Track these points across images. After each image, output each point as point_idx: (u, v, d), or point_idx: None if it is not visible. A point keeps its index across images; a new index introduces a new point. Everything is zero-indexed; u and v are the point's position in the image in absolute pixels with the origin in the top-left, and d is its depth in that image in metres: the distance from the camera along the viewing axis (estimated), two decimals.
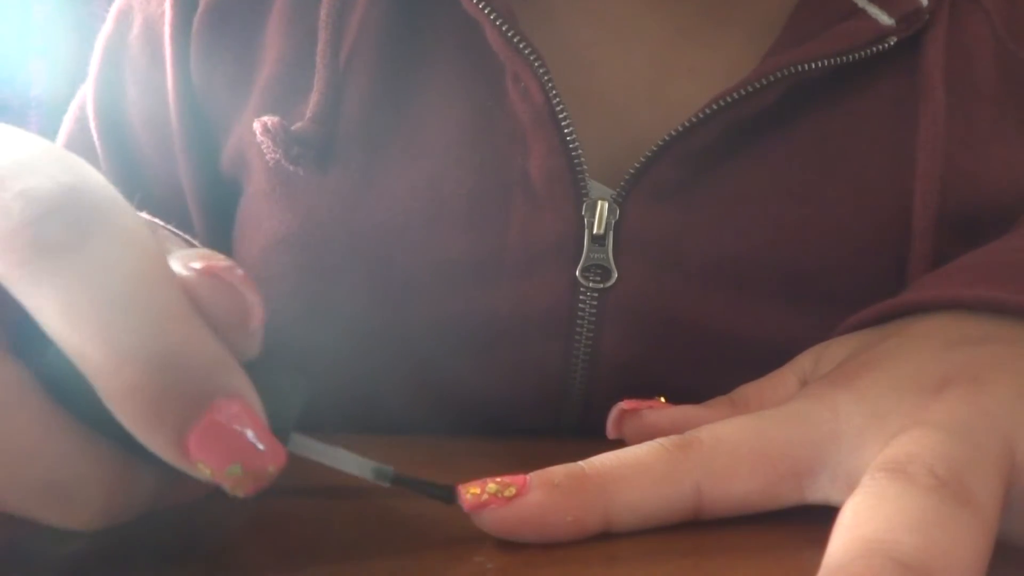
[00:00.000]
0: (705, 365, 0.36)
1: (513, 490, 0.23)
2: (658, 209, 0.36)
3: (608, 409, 0.31)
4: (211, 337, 0.19)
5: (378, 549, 0.23)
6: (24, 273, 0.18)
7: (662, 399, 0.30)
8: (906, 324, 0.28)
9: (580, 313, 0.36)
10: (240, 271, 0.21)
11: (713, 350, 0.36)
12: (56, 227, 0.18)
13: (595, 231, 0.35)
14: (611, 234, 0.35)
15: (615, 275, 0.35)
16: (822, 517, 0.21)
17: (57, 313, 0.18)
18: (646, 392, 0.33)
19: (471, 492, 0.23)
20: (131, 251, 0.19)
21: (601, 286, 0.36)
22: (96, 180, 0.20)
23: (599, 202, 0.35)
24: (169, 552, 0.23)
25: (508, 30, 0.35)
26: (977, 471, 0.21)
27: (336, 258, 0.37)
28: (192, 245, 0.29)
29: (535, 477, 0.23)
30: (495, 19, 0.35)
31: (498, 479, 0.23)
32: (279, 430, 0.20)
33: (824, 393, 0.26)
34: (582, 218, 0.35)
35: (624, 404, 0.29)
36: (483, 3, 0.36)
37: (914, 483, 0.20)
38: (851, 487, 0.22)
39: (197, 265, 0.20)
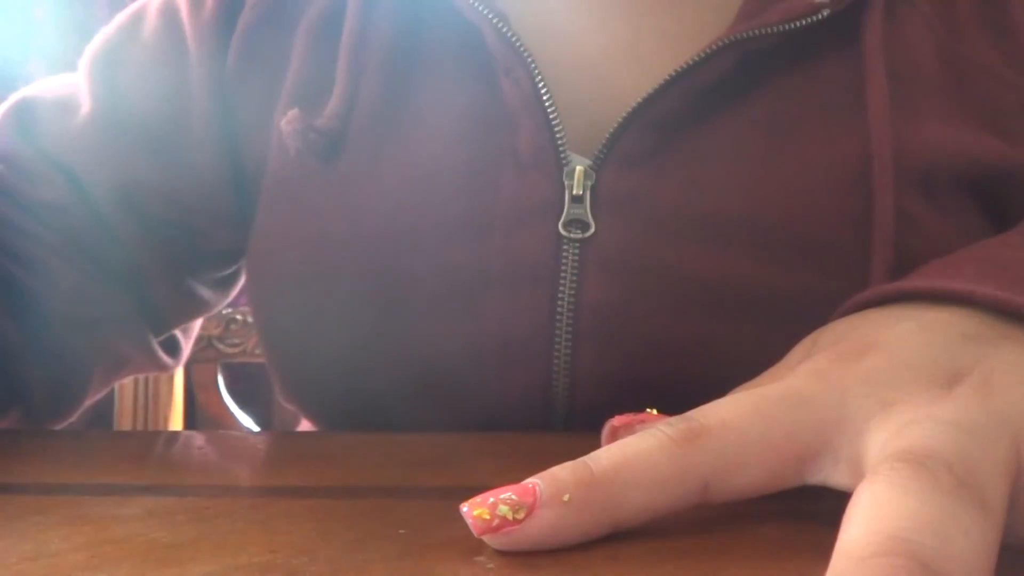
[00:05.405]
0: (681, 310, 0.39)
1: (523, 512, 0.23)
2: (630, 174, 0.40)
3: (595, 354, 0.39)
4: None
5: (378, 549, 0.23)
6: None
7: (653, 411, 0.29)
8: (917, 310, 0.28)
9: (563, 262, 0.40)
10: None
11: (687, 295, 0.39)
12: None
13: (574, 192, 0.40)
14: (588, 194, 0.40)
15: (593, 227, 0.40)
16: (823, 518, 0.21)
17: None
18: (626, 337, 0.39)
19: (478, 512, 0.23)
20: None
21: (581, 236, 0.40)
22: None
23: (577, 168, 0.40)
24: (169, 552, 0.23)
25: (507, 31, 0.40)
26: (990, 473, 0.21)
27: (344, 227, 0.42)
28: None
29: (545, 491, 0.23)
30: (494, 20, 0.40)
31: (506, 497, 0.23)
32: None
33: (832, 371, 0.25)
34: (563, 183, 0.40)
35: (615, 421, 0.29)
36: (482, 6, 0.40)
37: (937, 481, 0.20)
38: (854, 471, 0.22)
39: None
